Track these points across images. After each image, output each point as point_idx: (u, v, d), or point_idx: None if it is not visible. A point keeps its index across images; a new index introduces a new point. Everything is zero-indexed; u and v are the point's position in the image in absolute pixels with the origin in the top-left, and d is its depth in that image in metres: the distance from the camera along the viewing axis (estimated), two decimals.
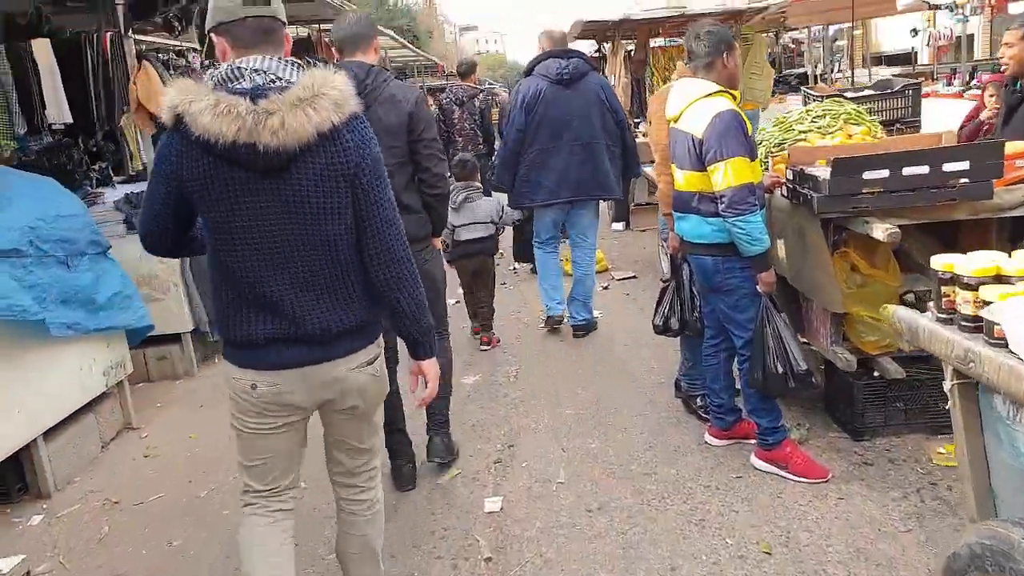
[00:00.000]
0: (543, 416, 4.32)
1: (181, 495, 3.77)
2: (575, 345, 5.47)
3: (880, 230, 3.14)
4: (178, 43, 5.80)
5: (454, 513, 3.40)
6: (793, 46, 20.08)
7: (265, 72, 1.90)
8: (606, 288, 6.85)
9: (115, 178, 6.06)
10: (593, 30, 9.61)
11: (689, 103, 3.39)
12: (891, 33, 19.76)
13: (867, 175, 3.23)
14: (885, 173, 3.22)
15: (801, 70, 16.56)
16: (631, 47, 9.41)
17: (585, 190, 5.13)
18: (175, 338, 5.32)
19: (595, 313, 5.71)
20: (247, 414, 2.13)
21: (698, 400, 4.07)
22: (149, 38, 5.68)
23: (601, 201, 5.71)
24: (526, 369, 5.07)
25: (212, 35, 2.01)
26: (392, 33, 14.41)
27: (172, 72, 5.58)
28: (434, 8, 42.67)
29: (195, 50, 6.13)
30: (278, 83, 1.90)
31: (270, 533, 2.22)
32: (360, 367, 2.15)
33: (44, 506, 3.75)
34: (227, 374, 2.14)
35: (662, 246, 4.33)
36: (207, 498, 3.73)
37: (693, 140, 3.32)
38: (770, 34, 12.88)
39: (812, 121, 4.39)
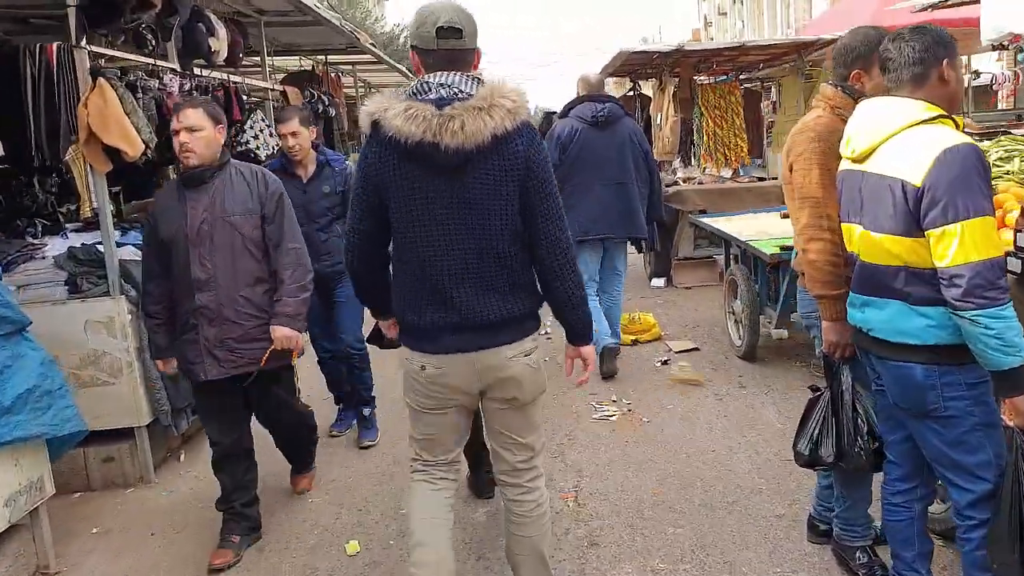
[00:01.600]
0: (627, 569, 3.08)
1: None
2: (646, 448, 4.25)
3: None
4: (150, 61, 4.64)
5: None
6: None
7: (449, 86, 2.19)
8: (665, 363, 5.63)
9: (68, 225, 4.89)
10: (634, 64, 8.57)
11: (890, 134, 2.23)
12: None
13: None
14: None
15: None
16: (674, 86, 8.34)
17: (618, 229, 5.27)
18: (127, 434, 4.08)
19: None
20: (417, 393, 2.38)
21: (858, 555, 2.84)
22: (112, 52, 4.50)
23: (631, 244, 5.82)
24: (590, 487, 3.83)
25: (411, 51, 2.28)
26: (392, 62, 13.52)
27: (141, 95, 4.42)
28: None
29: (174, 71, 4.97)
30: (460, 95, 2.17)
31: (433, 499, 2.46)
32: (517, 356, 2.32)
33: None
34: (401, 356, 2.40)
35: (815, 336, 3.09)
36: None
37: (903, 189, 2.15)
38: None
39: (995, 164, 3.22)
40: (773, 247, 4.99)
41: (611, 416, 4.71)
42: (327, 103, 8.25)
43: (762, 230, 5.74)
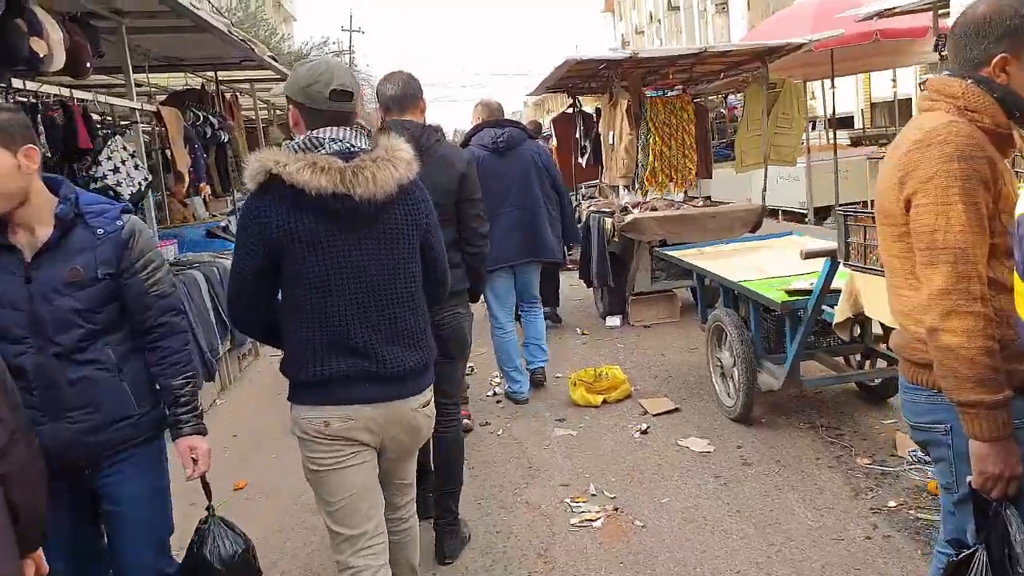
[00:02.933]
0: None
1: None
2: (649, 570, 3.19)
3: None
4: None
5: None
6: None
7: (343, 141, 2.15)
8: (645, 432, 4.60)
9: None
10: (575, 77, 7.62)
11: None
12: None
13: None
14: None
15: None
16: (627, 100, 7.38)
17: (528, 254, 5.21)
18: None
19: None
20: (321, 452, 2.23)
21: None
22: None
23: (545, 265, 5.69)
24: None
25: (289, 103, 2.27)
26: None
27: None
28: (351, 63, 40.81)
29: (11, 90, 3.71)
30: (355, 149, 2.16)
31: None
32: (420, 409, 2.33)
33: None
34: (296, 418, 2.26)
35: (942, 459, 1.98)
36: None
37: None
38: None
39: None
40: (778, 292, 4.04)
41: (593, 520, 3.63)
42: (217, 126, 7.01)
43: (750, 265, 4.80)
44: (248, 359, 7.22)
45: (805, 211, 12.28)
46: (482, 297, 4.23)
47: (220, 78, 9.21)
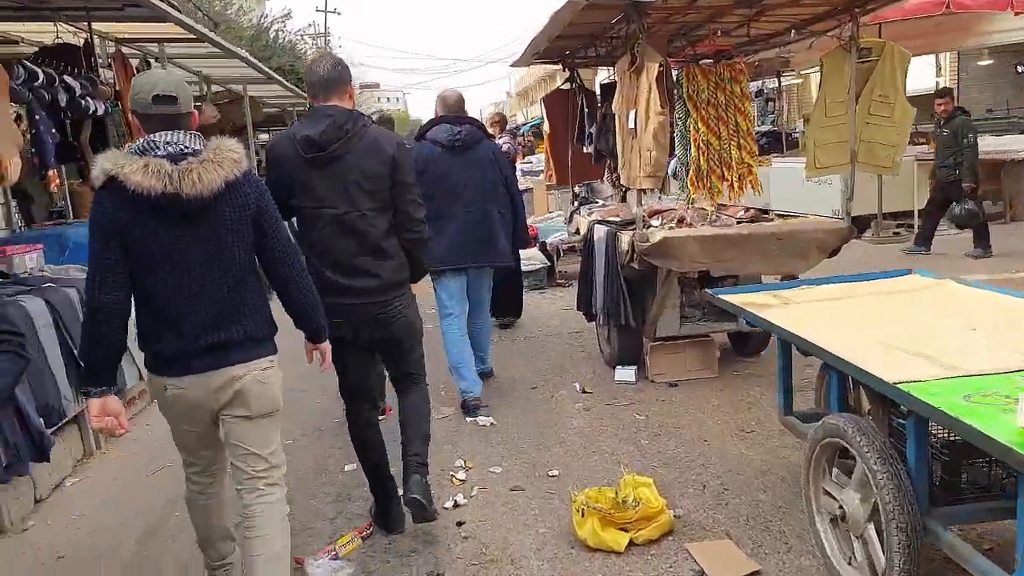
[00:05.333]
0: None
1: None
2: None
3: None
4: None
5: None
6: None
7: (176, 143, 2.39)
8: None
9: None
10: (575, 38, 5.59)
11: None
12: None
13: None
14: None
15: None
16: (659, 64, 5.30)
17: (479, 257, 4.97)
18: None
19: None
20: (169, 412, 2.61)
21: None
22: None
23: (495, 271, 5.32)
24: None
25: (132, 115, 2.51)
26: (269, 71, 10.17)
27: None
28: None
29: None
30: (188, 150, 2.40)
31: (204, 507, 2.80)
32: (253, 375, 2.56)
33: None
34: (147, 380, 2.84)
35: None
36: None
37: None
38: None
39: None
40: (1007, 423, 2.04)
41: None
42: (79, 92, 4.91)
43: (887, 335, 2.82)
44: (135, 407, 5.18)
45: (840, 219, 10.36)
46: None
47: (114, 34, 7.11)
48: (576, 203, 10.91)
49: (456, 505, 3.63)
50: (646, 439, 4.31)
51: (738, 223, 5.36)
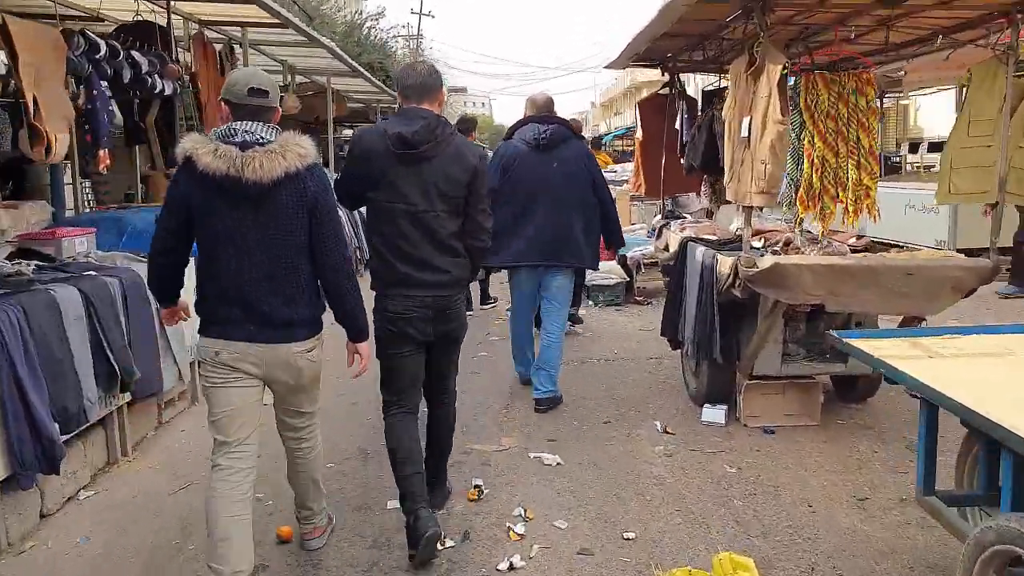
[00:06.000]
0: None
1: None
2: None
3: None
4: None
5: None
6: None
7: (252, 132, 2.67)
8: None
9: None
10: (681, 38, 5.02)
11: None
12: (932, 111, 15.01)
13: None
14: None
15: None
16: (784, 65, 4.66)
17: (555, 256, 4.92)
18: None
19: None
20: (214, 378, 2.78)
21: None
22: None
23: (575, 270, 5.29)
24: None
25: (222, 102, 2.77)
26: (354, 64, 9.91)
27: None
28: (421, 60, 38.45)
29: None
30: (261, 140, 2.66)
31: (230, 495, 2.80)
32: (301, 353, 2.82)
33: None
34: (199, 345, 2.82)
35: None
36: None
37: None
38: None
39: None
40: None
41: None
42: (145, 69, 4.60)
43: None
44: (173, 409, 4.86)
45: (980, 257, 9.47)
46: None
47: (198, 15, 6.88)
48: (662, 216, 10.31)
49: (512, 568, 3.09)
50: (739, 498, 3.70)
51: (852, 251, 4.69)
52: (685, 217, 9.35)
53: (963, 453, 2.98)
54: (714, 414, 4.75)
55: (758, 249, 4.68)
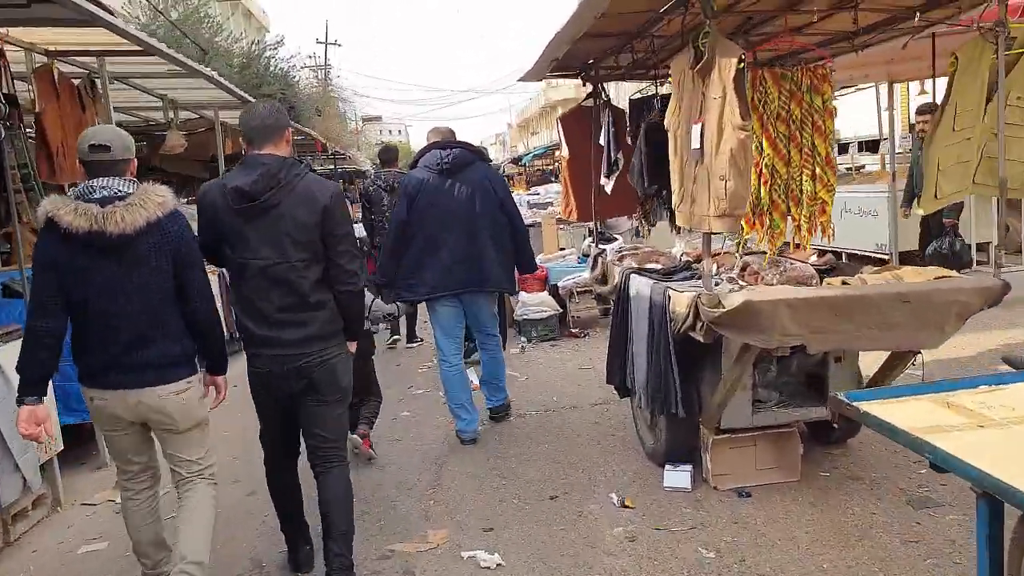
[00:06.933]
0: None
1: None
2: None
3: None
4: None
5: None
6: None
7: (109, 188, 2.80)
8: None
9: None
10: (604, 39, 4.32)
11: None
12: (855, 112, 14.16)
13: None
14: None
15: None
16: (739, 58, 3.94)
17: (472, 282, 4.80)
18: None
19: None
20: (96, 419, 3.03)
21: None
22: None
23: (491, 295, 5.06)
24: None
25: (78, 162, 2.92)
26: (242, 93, 8.88)
27: None
28: (330, 91, 37.32)
29: None
30: (119, 194, 2.79)
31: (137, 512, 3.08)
32: (170, 394, 2.89)
33: None
34: (84, 394, 2.95)
35: None
36: None
37: None
38: None
39: None
40: None
41: None
42: None
43: None
44: (26, 521, 3.92)
45: (887, 256, 9.11)
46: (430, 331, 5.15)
47: (43, 45, 5.85)
48: (592, 239, 9.58)
49: None
50: None
51: (818, 272, 4.04)
52: (616, 239, 8.69)
53: (1020, 537, 2.28)
54: (678, 478, 4.01)
55: (721, 280, 3.99)
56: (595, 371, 6.33)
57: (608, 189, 5.27)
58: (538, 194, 14.12)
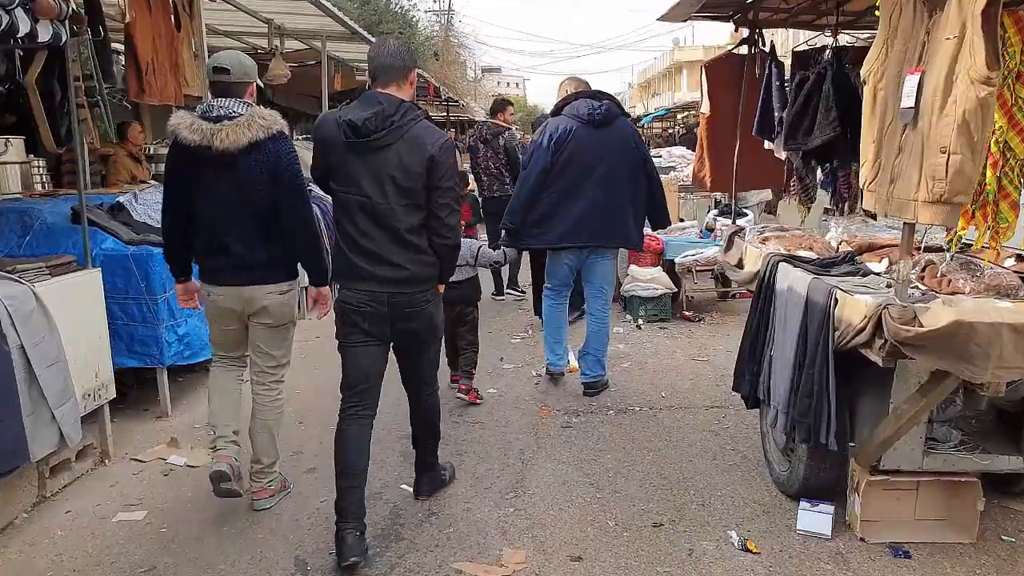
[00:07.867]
0: None
1: None
2: None
3: None
4: None
5: None
6: None
7: (225, 107, 3.10)
8: None
9: None
10: None
11: None
12: None
13: None
14: None
15: None
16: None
17: (603, 237, 4.77)
18: None
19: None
20: (209, 312, 3.40)
21: None
22: None
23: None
24: None
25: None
26: (352, 24, 8.33)
27: None
28: (451, 35, 36.74)
29: None
30: (231, 115, 3.08)
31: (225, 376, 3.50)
32: (272, 292, 3.28)
33: None
34: (203, 290, 3.37)
35: None
36: None
37: None
38: None
39: None
40: None
41: None
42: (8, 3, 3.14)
43: None
44: (69, 474, 3.61)
45: None
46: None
47: None
48: (717, 211, 8.60)
49: None
50: None
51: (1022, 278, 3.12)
52: (745, 213, 7.71)
53: None
54: (817, 521, 3.23)
55: (920, 289, 3.12)
56: (711, 365, 5.55)
57: (780, 154, 4.41)
58: (660, 156, 13.13)
